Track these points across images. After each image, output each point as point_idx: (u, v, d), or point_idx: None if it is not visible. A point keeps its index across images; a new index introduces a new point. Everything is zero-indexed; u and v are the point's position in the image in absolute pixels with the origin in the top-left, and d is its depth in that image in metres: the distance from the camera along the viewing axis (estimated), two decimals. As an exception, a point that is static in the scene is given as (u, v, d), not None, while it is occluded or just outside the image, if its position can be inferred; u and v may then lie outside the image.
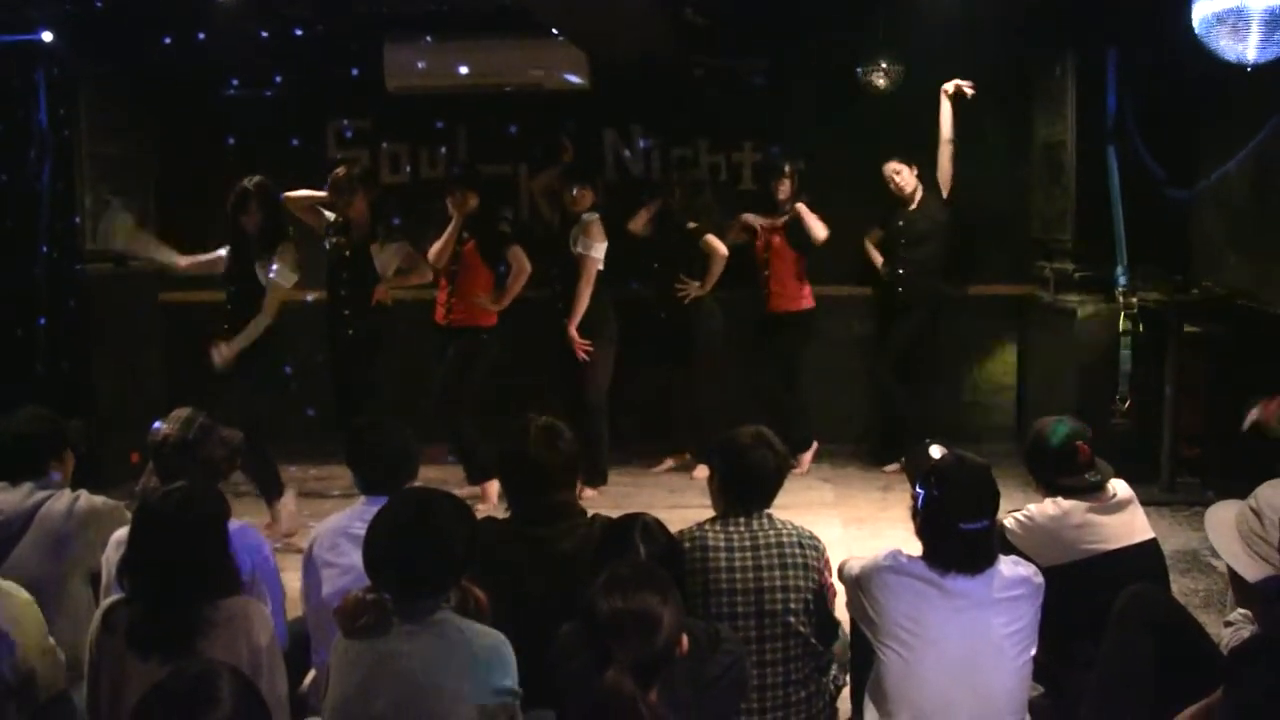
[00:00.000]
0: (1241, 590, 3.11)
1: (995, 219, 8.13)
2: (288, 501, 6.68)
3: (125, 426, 7.29)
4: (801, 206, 7.69)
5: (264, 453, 6.51)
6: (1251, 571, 3.02)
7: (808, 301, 7.93)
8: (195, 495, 3.34)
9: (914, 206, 7.85)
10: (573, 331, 7.29)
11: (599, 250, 7.30)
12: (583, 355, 7.31)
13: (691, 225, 7.63)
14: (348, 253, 6.96)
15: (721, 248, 7.60)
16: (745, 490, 3.81)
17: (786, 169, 7.80)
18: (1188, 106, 7.27)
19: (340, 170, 6.96)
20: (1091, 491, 4.17)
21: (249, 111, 8.39)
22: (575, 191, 7.33)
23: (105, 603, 3.30)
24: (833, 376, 8.32)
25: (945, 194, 7.81)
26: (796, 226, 7.75)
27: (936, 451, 3.84)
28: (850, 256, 7.88)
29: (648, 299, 7.78)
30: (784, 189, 7.80)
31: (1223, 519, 3.14)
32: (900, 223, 7.89)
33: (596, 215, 7.35)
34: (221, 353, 6.35)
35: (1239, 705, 2.66)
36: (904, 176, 7.82)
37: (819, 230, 7.67)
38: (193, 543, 3.22)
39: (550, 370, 7.58)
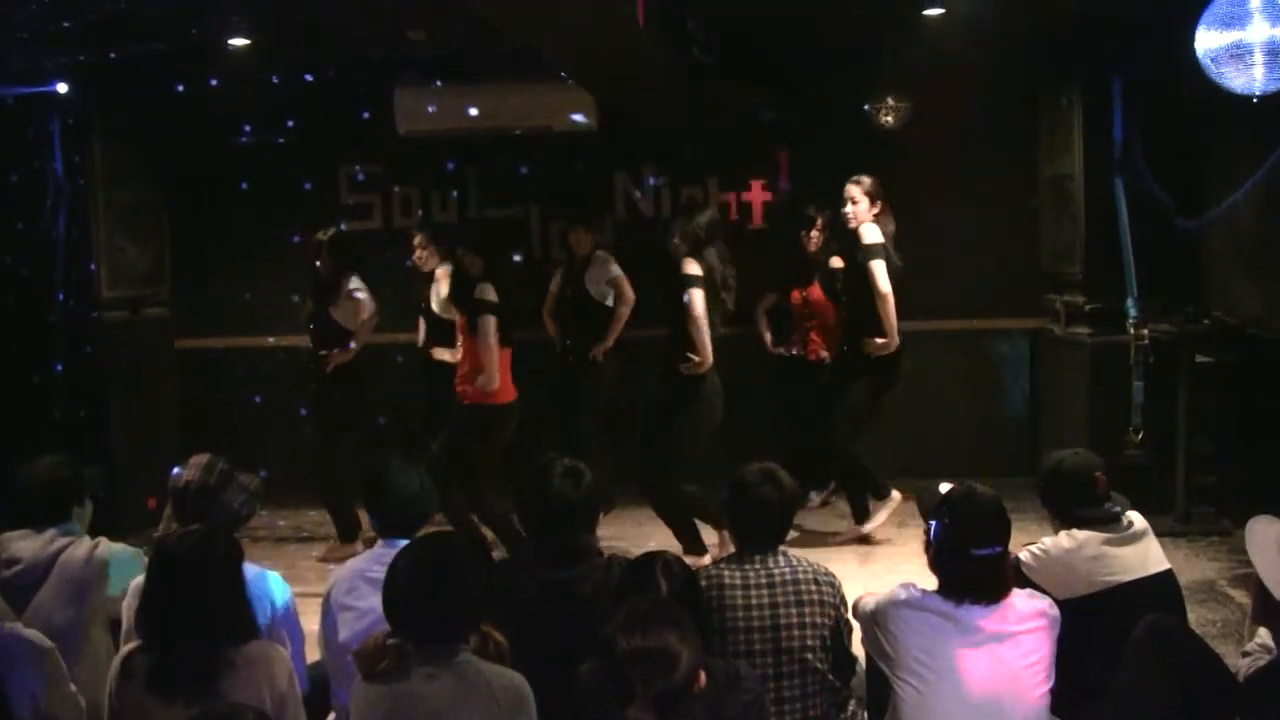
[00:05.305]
0: (1267, 609, 3.12)
1: (1005, 252, 8.13)
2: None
3: (142, 473, 7.33)
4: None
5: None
6: None
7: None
8: (209, 538, 3.37)
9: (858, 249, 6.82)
10: (602, 348, 7.38)
11: (618, 269, 7.41)
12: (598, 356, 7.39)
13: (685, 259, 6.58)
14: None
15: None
16: (751, 526, 3.84)
17: (819, 220, 7.51)
18: (1194, 136, 7.31)
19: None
20: (1106, 523, 4.16)
21: (261, 157, 8.44)
22: (582, 234, 7.45)
23: (123, 650, 3.32)
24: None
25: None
26: (830, 276, 7.51)
27: (945, 488, 3.85)
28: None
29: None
30: (814, 240, 7.56)
31: (1266, 540, 3.15)
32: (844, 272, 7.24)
33: (604, 253, 7.46)
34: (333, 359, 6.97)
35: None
36: (856, 208, 6.80)
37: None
38: (206, 585, 3.24)
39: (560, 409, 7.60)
